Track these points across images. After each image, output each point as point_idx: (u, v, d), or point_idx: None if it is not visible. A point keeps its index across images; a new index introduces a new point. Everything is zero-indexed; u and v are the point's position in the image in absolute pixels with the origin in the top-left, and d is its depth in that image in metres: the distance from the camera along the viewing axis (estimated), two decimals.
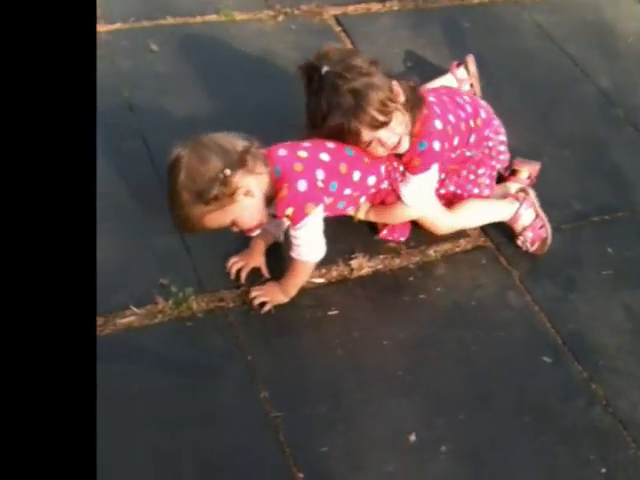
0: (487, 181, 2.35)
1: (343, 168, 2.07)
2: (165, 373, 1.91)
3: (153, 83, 2.68)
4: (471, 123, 2.27)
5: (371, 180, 2.15)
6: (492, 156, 2.34)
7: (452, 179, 2.31)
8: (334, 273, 2.19)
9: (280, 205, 1.96)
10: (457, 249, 2.32)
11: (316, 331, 2.05)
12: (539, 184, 2.48)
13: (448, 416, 1.92)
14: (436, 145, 2.13)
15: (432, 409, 1.93)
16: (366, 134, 2.04)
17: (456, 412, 1.93)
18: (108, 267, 2.10)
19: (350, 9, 3.15)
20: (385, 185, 2.20)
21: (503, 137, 2.38)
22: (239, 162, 1.90)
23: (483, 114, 2.32)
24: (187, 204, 1.87)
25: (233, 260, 2.15)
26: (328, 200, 2.07)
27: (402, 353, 2.04)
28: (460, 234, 2.36)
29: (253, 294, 2.07)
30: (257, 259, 2.15)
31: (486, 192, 2.34)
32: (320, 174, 2.01)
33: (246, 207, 1.92)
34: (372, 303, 2.15)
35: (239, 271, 2.14)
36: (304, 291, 2.10)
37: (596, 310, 2.21)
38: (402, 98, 2.08)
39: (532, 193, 2.38)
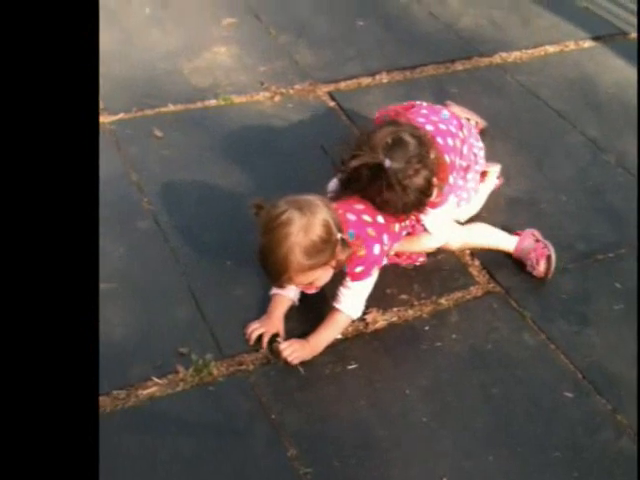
0: (473, 184, 2.47)
1: (392, 226, 2.18)
2: (191, 438, 1.89)
3: (160, 166, 2.74)
4: (460, 134, 2.39)
5: (403, 224, 2.26)
6: (477, 162, 2.47)
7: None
8: (350, 328, 2.18)
9: (353, 263, 2.07)
10: (468, 296, 2.32)
11: (338, 385, 2.03)
12: (541, 228, 2.50)
13: (478, 458, 1.88)
14: (450, 179, 2.26)
15: (461, 453, 1.90)
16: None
17: (485, 454, 1.90)
18: (127, 341, 2.11)
19: (342, 85, 3.25)
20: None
21: (481, 143, 2.52)
22: (340, 227, 2.00)
23: (465, 123, 2.45)
24: (295, 261, 1.92)
25: (253, 327, 2.13)
26: (385, 261, 2.20)
27: (425, 400, 2.01)
28: (469, 282, 2.37)
29: (284, 352, 2.05)
30: (276, 325, 2.15)
31: (472, 195, 2.47)
32: (386, 239, 2.13)
33: (330, 269, 2.04)
34: (390, 354, 2.13)
35: (259, 337, 2.13)
36: None
37: (612, 343, 2.19)
38: (432, 155, 2.16)
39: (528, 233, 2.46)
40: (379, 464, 1.86)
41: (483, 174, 2.61)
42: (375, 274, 2.13)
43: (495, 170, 2.64)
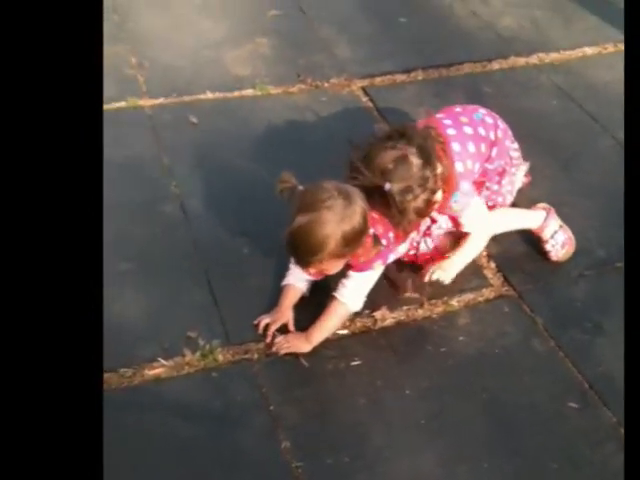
0: (509, 187, 2.30)
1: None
2: (188, 422, 1.80)
3: (193, 153, 2.64)
4: (491, 136, 2.22)
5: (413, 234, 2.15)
6: (512, 164, 2.29)
7: (481, 193, 2.24)
8: (357, 324, 2.06)
9: (357, 254, 1.95)
10: (480, 299, 2.17)
11: (339, 381, 1.91)
12: None
13: (472, 464, 1.75)
14: (465, 186, 2.09)
15: (455, 457, 1.76)
16: None
17: (480, 459, 1.76)
18: (139, 320, 2.03)
19: (377, 80, 3.09)
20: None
21: (516, 145, 2.34)
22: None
23: (501, 124, 2.27)
24: (332, 246, 1.83)
25: (264, 320, 2.02)
26: (392, 258, 2.07)
27: (425, 401, 1.88)
28: (482, 284, 2.21)
29: (276, 341, 1.96)
30: (285, 315, 2.03)
31: (509, 198, 2.31)
32: (391, 236, 2.00)
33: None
34: (395, 353, 2.00)
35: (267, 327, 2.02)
36: (327, 342, 1.98)
37: (623, 354, 2.01)
38: (439, 170, 1.99)
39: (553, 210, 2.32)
40: (371, 463, 1.74)
41: None
42: (378, 269, 1.99)
43: (523, 168, 2.46)
